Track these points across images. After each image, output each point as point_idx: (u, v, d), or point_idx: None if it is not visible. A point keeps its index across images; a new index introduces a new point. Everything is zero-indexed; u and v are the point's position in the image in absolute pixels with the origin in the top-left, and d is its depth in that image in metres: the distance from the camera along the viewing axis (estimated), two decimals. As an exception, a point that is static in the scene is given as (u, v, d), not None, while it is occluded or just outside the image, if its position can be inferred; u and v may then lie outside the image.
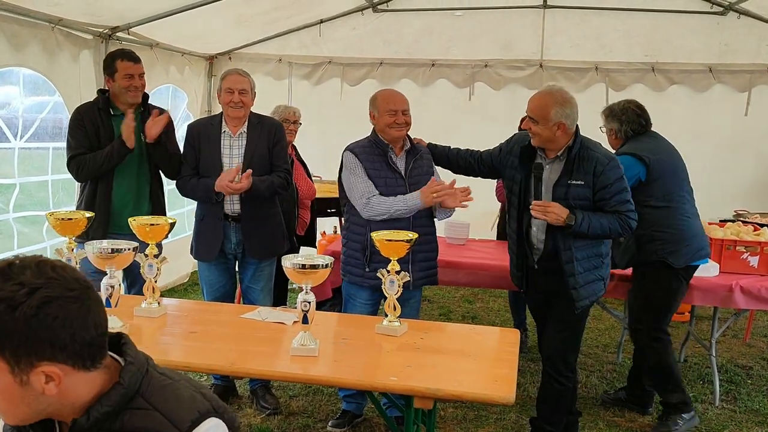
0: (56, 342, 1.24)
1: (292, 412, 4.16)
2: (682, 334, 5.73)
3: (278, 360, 2.68)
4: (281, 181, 3.98)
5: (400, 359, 2.69)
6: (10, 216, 4.96)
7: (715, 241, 4.47)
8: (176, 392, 1.37)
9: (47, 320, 1.22)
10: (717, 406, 4.40)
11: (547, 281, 3.58)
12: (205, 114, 7.18)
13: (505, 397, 2.40)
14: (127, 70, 3.93)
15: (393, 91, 3.83)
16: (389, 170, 3.65)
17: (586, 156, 3.39)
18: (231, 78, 3.93)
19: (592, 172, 3.36)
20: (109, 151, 3.85)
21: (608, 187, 3.37)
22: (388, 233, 3.02)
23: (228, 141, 3.97)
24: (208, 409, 1.37)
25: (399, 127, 3.61)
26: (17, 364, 1.24)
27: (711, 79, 6.57)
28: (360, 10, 6.84)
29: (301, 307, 2.67)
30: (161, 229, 3.10)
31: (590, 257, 3.49)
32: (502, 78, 6.84)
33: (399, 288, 2.93)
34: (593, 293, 3.52)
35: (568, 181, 3.39)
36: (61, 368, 1.26)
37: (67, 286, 1.26)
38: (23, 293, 1.22)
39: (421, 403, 2.48)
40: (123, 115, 3.99)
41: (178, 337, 2.87)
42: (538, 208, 3.35)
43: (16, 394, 1.26)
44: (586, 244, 3.45)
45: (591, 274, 3.50)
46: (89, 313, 1.28)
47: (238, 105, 3.89)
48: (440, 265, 4.61)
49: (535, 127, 3.40)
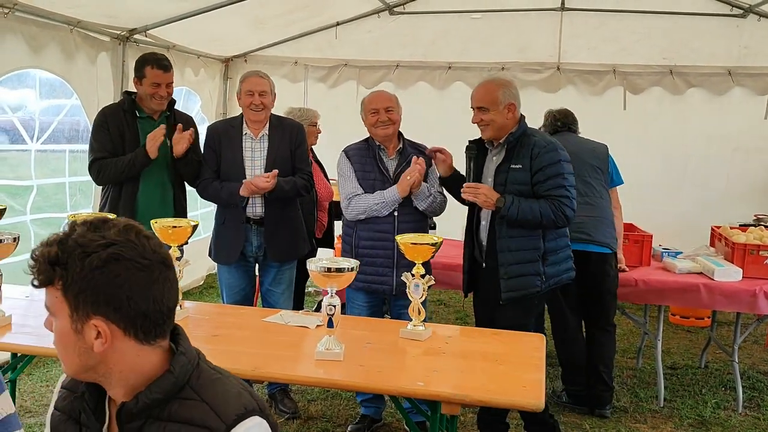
0: (112, 300, 1.29)
1: (310, 416, 4.13)
2: (702, 339, 5.68)
3: (302, 364, 2.65)
4: (304, 182, 3.97)
5: (426, 364, 2.65)
6: (28, 218, 4.96)
7: (738, 246, 4.42)
8: (225, 387, 1.39)
9: (110, 276, 1.28)
10: (740, 413, 4.34)
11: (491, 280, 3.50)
12: (220, 116, 7.17)
13: (535, 403, 2.36)
14: (156, 78, 3.91)
15: (378, 91, 3.98)
16: (378, 172, 3.70)
17: (526, 141, 3.44)
18: (251, 80, 3.91)
19: (530, 155, 3.39)
20: (131, 159, 3.84)
21: (543, 170, 3.37)
22: (413, 237, 3.00)
23: (250, 143, 3.95)
24: (255, 407, 1.37)
25: (383, 125, 3.68)
26: (76, 310, 1.30)
27: (730, 82, 6.49)
28: (376, 13, 6.80)
29: (326, 311, 2.64)
30: (184, 231, 3.08)
31: (525, 249, 3.42)
32: (519, 81, 6.71)
33: (424, 292, 2.90)
34: (523, 287, 3.41)
35: (509, 166, 3.42)
36: (111, 329, 1.31)
37: (142, 253, 1.31)
38: (99, 245, 1.29)
39: (449, 409, 2.45)
40: (149, 118, 3.99)
41: (201, 340, 2.83)
42: (468, 190, 3.40)
43: (71, 340, 1.32)
44: (521, 234, 3.40)
45: (523, 267, 3.42)
46: (153, 285, 1.32)
47: (258, 107, 3.87)
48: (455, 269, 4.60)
49: (487, 115, 3.43)
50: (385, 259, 3.63)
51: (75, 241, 1.29)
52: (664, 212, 6.48)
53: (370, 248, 3.63)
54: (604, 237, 4.15)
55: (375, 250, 3.59)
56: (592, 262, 4.11)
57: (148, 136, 3.85)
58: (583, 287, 4.17)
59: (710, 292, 4.23)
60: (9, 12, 4.23)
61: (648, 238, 4.63)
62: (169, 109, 4.07)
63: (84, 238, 1.29)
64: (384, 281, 3.66)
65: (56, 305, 1.32)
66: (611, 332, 4.31)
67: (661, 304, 4.43)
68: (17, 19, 4.35)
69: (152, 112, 4.00)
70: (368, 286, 3.67)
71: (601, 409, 4.25)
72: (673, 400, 4.50)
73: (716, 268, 4.30)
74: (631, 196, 5.05)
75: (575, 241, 3.89)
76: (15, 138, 4.98)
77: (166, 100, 3.99)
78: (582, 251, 4.02)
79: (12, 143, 5.03)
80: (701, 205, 6.67)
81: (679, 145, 6.76)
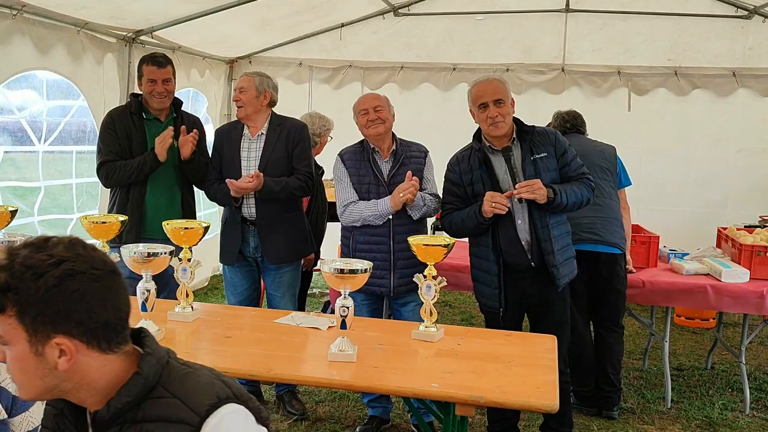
0: (73, 316, 1.28)
1: (318, 417, 4.13)
2: (708, 340, 5.69)
3: (316, 365, 2.65)
4: (299, 183, 3.93)
5: (439, 365, 2.65)
6: (35, 219, 4.96)
7: (745, 248, 4.42)
8: (196, 380, 1.39)
9: (67, 292, 1.27)
10: (748, 414, 4.34)
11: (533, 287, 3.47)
12: (225, 117, 7.18)
13: (549, 405, 2.36)
14: (151, 74, 3.91)
15: (367, 94, 3.96)
16: (372, 175, 3.71)
17: (538, 130, 3.48)
18: (238, 80, 4.06)
19: (550, 142, 3.43)
20: (140, 163, 3.85)
21: (566, 153, 3.46)
22: (425, 238, 2.99)
23: (247, 143, 3.98)
24: (228, 395, 1.38)
25: (373, 125, 3.68)
26: (35, 333, 1.28)
27: (735, 83, 6.50)
28: (381, 14, 6.82)
29: (339, 312, 2.64)
30: (195, 232, 3.08)
31: (563, 235, 3.50)
32: (524, 82, 6.78)
33: (436, 293, 2.90)
34: (570, 272, 3.52)
35: (532, 158, 3.40)
36: (75, 344, 1.30)
37: (93, 264, 1.31)
38: (50, 264, 1.27)
39: (463, 411, 2.45)
40: (156, 119, 3.99)
41: (214, 342, 2.84)
42: (523, 189, 3.25)
43: (31, 364, 1.30)
44: (558, 221, 3.45)
45: (566, 251, 3.49)
46: (110, 294, 1.33)
47: (238, 104, 3.94)
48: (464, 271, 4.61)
49: (503, 108, 3.37)
50: (382, 262, 3.64)
51: (22, 264, 1.27)
52: (668, 213, 6.50)
53: (367, 251, 3.64)
54: (613, 237, 4.14)
55: (372, 253, 3.60)
56: (601, 263, 4.11)
57: (156, 139, 3.86)
58: (592, 288, 4.17)
59: (718, 293, 4.23)
60: (17, 13, 4.24)
61: (655, 239, 4.64)
62: (175, 111, 4.07)
63: (32, 260, 1.27)
64: (382, 283, 3.68)
65: (10, 332, 1.29)
66: (620, 333, 4.31)
67: (669, 306, 4.44)
68: (25, 20, 4.36)
69: (159, 113, 4.00)
70: (367, 288, 3.67)
71: (609, 410, 4.25)
72: (680, 401, 4.50)
73: (723, 269, 4.31)
74: (636, 197, 5.06)
75: (585, 242, 3.90)
76: (23, 139, 4.97)
77: (168, 97, 3.97)
78: (592, 252, 4.04)
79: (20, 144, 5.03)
80: (705, 206, 6.69)
81: (683, 146, 6.77)
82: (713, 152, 6.74)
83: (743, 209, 6.37)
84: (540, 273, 3.44)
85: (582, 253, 3.81)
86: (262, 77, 3.98)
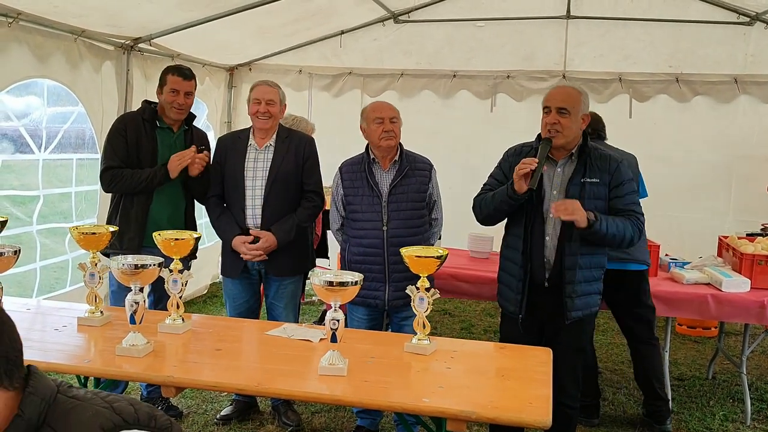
0: None
1: (314, 428, 4.10)
2: (709, 349, 5.64)
3: (305, 380, 2.61)
4: (307, 213, 3.93)
5: (431, 379, 2.62)
6: (34, 228, 4.95)
7: (746, 257, 4.38)
8: (78, 414, 1.36)
9: None
10: (749, 425, 4.29)
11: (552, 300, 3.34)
12: (225, 125, 7.17)
13: (542, 421, 2.32)
14: (174, 84, 3.89)
15: (381, 101, 3.90)
16: (368, 187, 3.69)
17: (599, 154, 3.30)
18: (259, 88, 3.90)
19: (608, 169, 3.25)
20: (150, 176, 3.83)
21: (623, 185, 3.26)
22: (417, 249, 2.95)
23: (253, 154, 3.91)
24: (116, 424, 1.36)
25: (387, 137, 3.64)
26: None
27: (736, 90, 6.46)
28: (381, 21, 6.81)
29: (329, 326, 2.61)
30: (186, 243, 3.06)
31: (592, 267, 3.33)
32: (525, 89, 6.75)
33: (429, 306, 2.86)
34: (587, 306, 3.34)
35: (581, 180, 3.24)
36: None
37: None
38: None
39: (454, 426, 2.40)
40: (168, 129, 3.98)
41: (204, 355, 2.81)
42: (561, 209, 3.08)
43: None
44: (591, 251, 3.28)
45: (589, 285, 3.33)
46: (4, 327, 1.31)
47: (265, 115, 3.84)
48: (462, 279, 4.59)
49: (566, 120, 3.20)
50: (377, 274, 3.63)
51: None
52: (669, 221, 6.45)
53: (362, 263, 3.62)
54: (641, 254, 4.05)
55: (366, 265, 3.58)
56: (628, 280, 4.03)
57: (172, 156, 3.83)
58: (620, 306, 4.12)
59: (718, 303, 4.19)
60: (13, 21, 4.23)
61: (655, 248, 4.59)
62: (187, 124, 4.05)
63: None
64: (377, 295, 3.67)
65: None
66: (656, 345, 4.22)
67: (669, 316, 4.39)
68: (22, 28, 4.35)
69: (172, 123, 3.98)
70: (363, 300, 3.65)
71: (662, 424, 4.15)
72: (680, 411, 4.45)
73: (724, 279, 4.26)
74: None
75: (613, 260, 3.67)
76: (22, 147, 4.96)
77: (186, 110, 3.97)
78: (619, 270, 3.92)
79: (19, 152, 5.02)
80: (706, 213, 6.64)
81: (685, 153, 6.72)
82: (715, 159, 6.69)
83: (745, 217, 6.32)
84: (554, 297, 3.30)
85: (609, 272, 3.60)
86: (279, 88, 3.96)
